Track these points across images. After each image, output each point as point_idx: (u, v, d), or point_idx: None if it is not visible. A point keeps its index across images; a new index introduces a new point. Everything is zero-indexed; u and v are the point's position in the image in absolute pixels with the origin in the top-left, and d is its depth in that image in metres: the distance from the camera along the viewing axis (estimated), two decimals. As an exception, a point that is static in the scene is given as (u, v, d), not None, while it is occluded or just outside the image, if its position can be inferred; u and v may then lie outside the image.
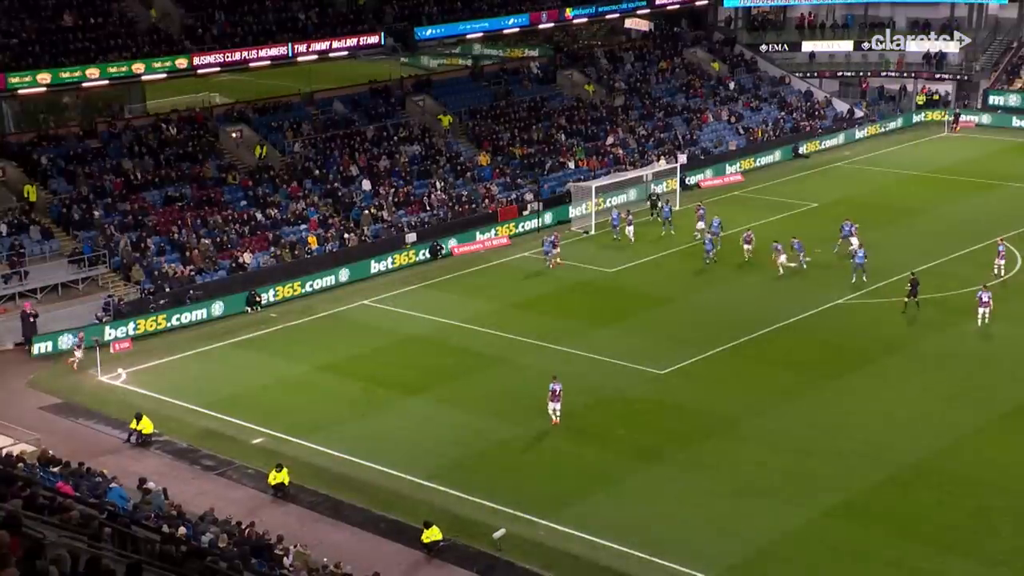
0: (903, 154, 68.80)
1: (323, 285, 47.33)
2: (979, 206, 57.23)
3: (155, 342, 41.76)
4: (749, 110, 71.86)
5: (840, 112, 74.72)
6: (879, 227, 53.56)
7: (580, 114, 65.68)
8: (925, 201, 58.19)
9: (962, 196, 59.15)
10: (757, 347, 39.73)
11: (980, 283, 42.62)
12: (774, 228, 54.31)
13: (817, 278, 46.65)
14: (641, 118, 67.53)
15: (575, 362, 38.76)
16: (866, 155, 68.63)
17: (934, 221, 54.65)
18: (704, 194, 60.31)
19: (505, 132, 61.93)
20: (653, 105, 69.14)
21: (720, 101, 71.93)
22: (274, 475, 30.65)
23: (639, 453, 32.30)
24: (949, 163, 65.89)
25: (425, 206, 54.25)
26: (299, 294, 46.57)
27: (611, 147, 63.23)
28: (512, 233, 53.89)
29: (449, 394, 36.49)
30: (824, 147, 70.04)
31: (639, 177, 58.87)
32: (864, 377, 37.26)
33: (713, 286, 46.25)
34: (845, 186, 61.70)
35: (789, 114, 72.66)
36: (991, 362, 38.10)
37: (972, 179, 62.36)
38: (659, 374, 37.61)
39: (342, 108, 59.55)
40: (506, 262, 50.57)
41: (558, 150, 61.61)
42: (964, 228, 52.69)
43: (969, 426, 33.41)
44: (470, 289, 46.80)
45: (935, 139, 72.59)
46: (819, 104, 74.82)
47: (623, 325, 42.21)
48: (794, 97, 74.96)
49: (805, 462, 31.58)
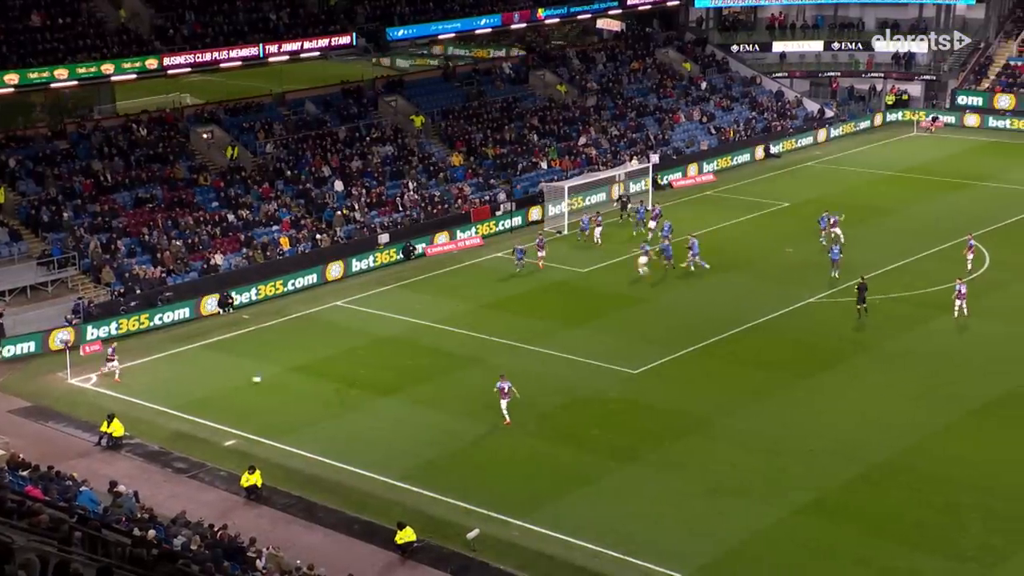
0: (873, 154, 69.29)
1: (296, 286, 47.21)
2: (948, 205, 57.71)
3: (126, 344, 41.48)
4: (721, 110, 72.15)
5: (811, 112, 75.18)
6: (850, 226, 53.82)
7: (552, 114, 65.74)
8: (895, 200, 58.63)
9: (931, 195, 59.63)
10: (728, 347, 39.91)
11: (951, 280, 42.96)
12: (742, 228, 54.60)
13: (788, 278, 46.92)
14: (613, 118, 67.67)
15: (548, 362, 38.82)
16: (836, 155, 69.07)
17: (904, 220, 55.10)
18: (676, 194, 60.55)
19: (478, 132, 61.90)
20: (625, 105, 69.31)
21: (692, 101, 72.19)
22: (247, 477, 30.52)
23: (613, 453, 32.39)
24: (918, 163, 66.42)
25: (398, 207, 54.17)
26: (272, 295, 46.42)
27: (583, 147, 63.32)
28: (486, 235, 53.93)
29: (423, 395, 36.45)
30: (796, 146, 70.43)
31: (612, 177, 59.03)
32: (835, 376, 37.52)
33: (685, 286, 46.40)
34: (816, 186, 62.06)
35: (760, 114, 73.05)
36: (960, 359, 38.46)
37: (941, 178, 62.89)
38: (632, 374, 37.71)
39: (314, 109, 59.36)
40: (479, 263, 50.54)
41: (530, 150, 61.64)
42: (934, 227, 53.14)
43: (938, 423, 33.71)
44: (443, 290, 46.75)
45: (904, 139, 73.14)
46: (790, 104, 75.24)
47: (596, 325, 42.29)
48: (765, 97, 75.36)
49: (776, 461, 31.77)
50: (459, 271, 49.55)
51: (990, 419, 34.01)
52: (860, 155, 69.07)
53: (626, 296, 45.44)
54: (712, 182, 63.61)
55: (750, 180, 63.20)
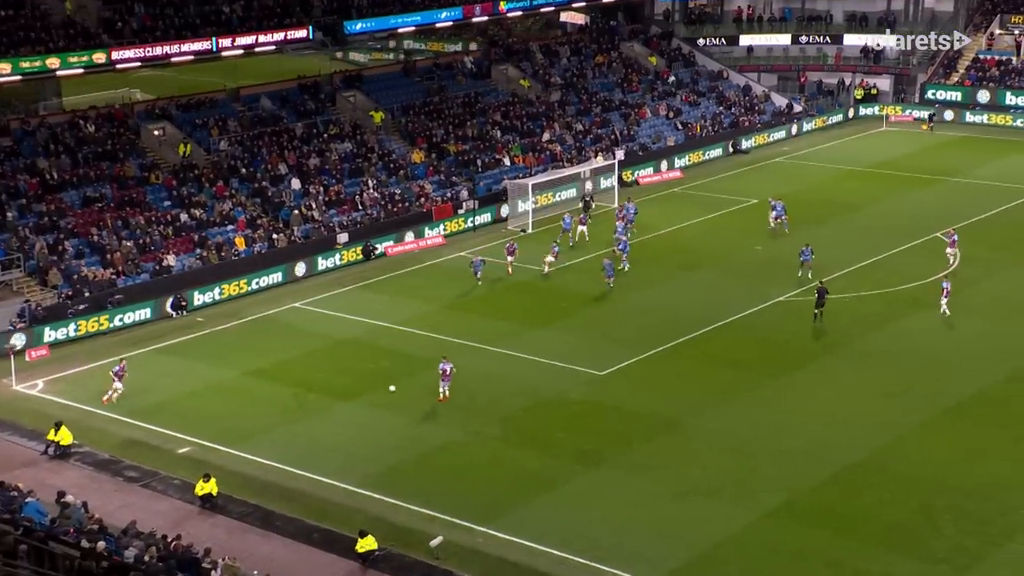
0: (842, 149, 69.77)
1: (251, 288, 46.91)
2: (918, 201, 58.20)
3: (74, 349, 40.97)
4: (688, 105, 72.39)
5: (779, 107, 75.60)
6: (819, 223, 54.26)
7: (516, 110, 65.67)
8: (865, 196, 59.05)
9: (901, 191, 60.10)
10: (697, 346, 40.02)
11: (922, 276, 43.29)
12: (710, 225, 54.79)
13: (757, 275, 47.12)
14: (578, 113, 67.71)
15: (512, 364, 38.74)
16: (805, 150, 69.49)
17: (874, 217, 55.50)
18: (643, 191, 60.65)
19: (439, 129, 61.74)
20: (590, 100, 69.38)
21: (658, 96, 72.39)
22: (201, 485, 30.22)
23: (579, 456, 32.34)
24: (888, 158, 66.94)
25: (357, 205, 53.93)
26: (227, 297, 46.09)
27: (547, 143, 63.30)
28: (448, 234, 53.83)
29: (383, 398, 36.27)
30: (764, 142, 70.81)
31: (577, 174, 59.05)
32: (806, 375, 37.70)
33: (652, 285, 46.48)
34: (784, 182, 62.36)
35: (728, 109, 73.36)
36: (933, 357, 38.75)
37: (911, 174, 63.42)
38: (598, 375, 37.72)
39: (269, 104, 58.98)
40: (441, 262, 50.41)
41: (493, 147, 61.54)
42: (904, 224, 53.57)
43: (911, 423, 33.94)
44: (404, 290, 46.60)
45: (873, 134, 73.71)
46: (758, 99, 75.64)
47: (561, 325, 42.27)
48: (732, 92, 75.68)
49: (747, 462, 31.85)
50: (420, 271, 49.38)
51: (964, 418, 34.29)
52: (829, 150, 69.51)
53: (592, 296, 45.42)
54: (679, 179, 63.77)
55: (718, 176, 63.46)
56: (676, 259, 49.73)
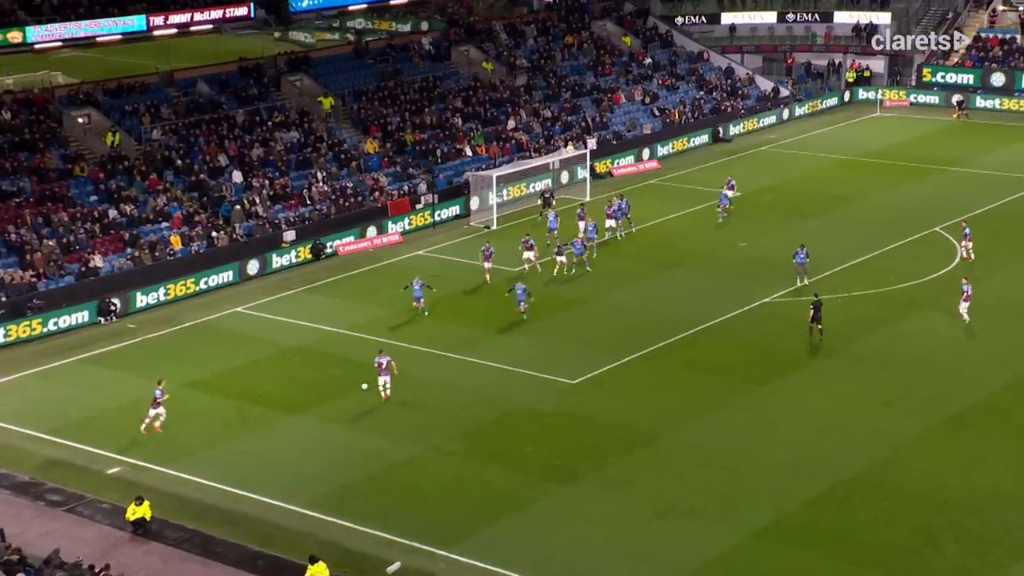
0: (833, 136, 70.23)
1: (189, 291, 46.63)
2: (915, 193, 58.65)
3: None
4: (665, 89, 72.64)
5: (764, 91, 76.00)
6: (808, 216, 54.58)
7: (478, 95, 65.68)
8: (857, 188, 59.44)
9: (897, 182, 60.54)
10: (678, 352, 40.12)
11: (919, 275, 43.58)
12: (690, 220, 54.97)
13: (742, 275, 47.32)
14: (546, 99, 67.77)
15: (476, 372, 38.70)
16: (793, 138, 69.88)
17: (868, 210, 55.88)
18: (617, 183, 60.78)
19: (394, 116, 61.65)
20: (559, 85, 69.46)
21: (633, 80, 72.59)
22: (133, 509, 29.98)
23: (549, 473, 32.34)
24: (882, 146, 67.44)
25: (305, 200, 53.78)
26: (161, 301, 45.81)
27: (513, 132, 63.35)
28: (405, 231, 53.74)
29: (335, 411, 36.13)
30: (747, 129, 71.19)
31: (545, 165, 59.12)
32: (795, 382, 37.87)
33: (629, 286, 46.60)
34: (771, 172, 62.72)
35: (709, 93, 73.66)
36: (933, 363, 39.03)
37: (908, 163, 63.91)
38: (570, 384, 37.76)
39: (207, 89, 58.68)
40: (398, 262, 50.31)
41: (454, 136, 61.53)
42: (900, 217, 53.98)
43: (910, 434, 34.15)
44: (358, 293, 46.51)
45: (867, 120, 74.28)
46: (741, 82, 75.99)
47: (529, 330, 42.27)
48: (714, 74, 76.01)
49: (732, 478, 31.95)
50: (375, 272, 49.27)
51: (967, 428, 34.54)
52: (819, 138, 69.92)
53: (563, 297, 45.47)
54: (656, 169, 63.94)
55: (698, 167, 63.67)
56: (654, 257, 49.83)
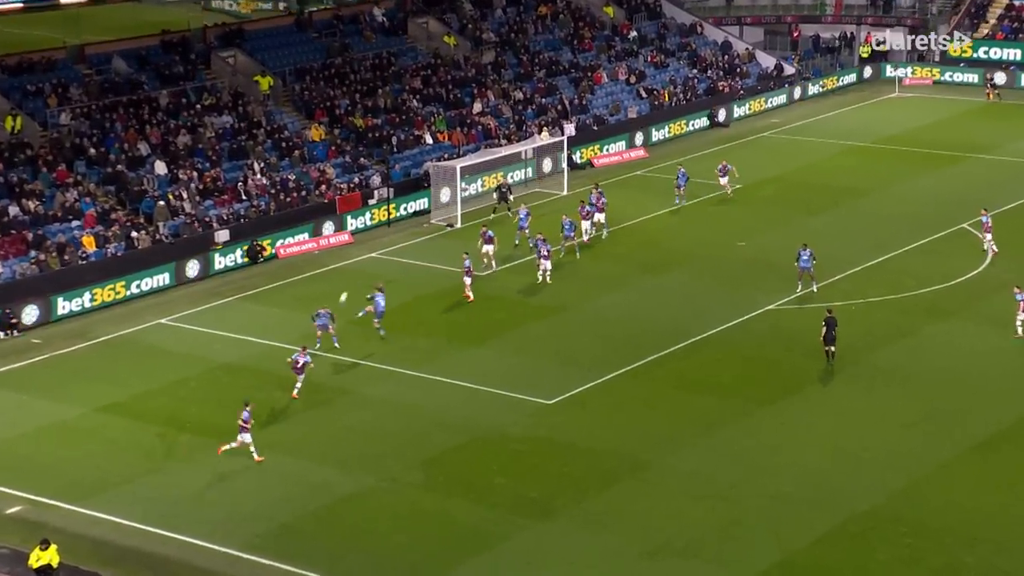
0: (845, 120, 70.50)
1: (105, 300, 46.44)
2: (939, 184, 58.96)
3: None
4: (653, 67, 72.78)
5: (766, 68, 76.28)
6: (816, 212, 54.76)
7: (439, 75, 65.65)
8: (873, 178, 59.68)
9: (918, 172, 60.83)
10: (669, 367, 40.16)
11: (943, 278, 43.76)
12: (682, 217, 55.07)
13: (741, 279, 47.44)
14: (517, 79, 67.82)
15: (438, 391, 38.64)
16: (799, 122, 70.13)
17: (885, 203, 56.12)
18: (598, 174, 60.81)
19: (343, 98, 61.58)
20: (532, 62, 69.49)
21: (616, 56, 72.69)
22: (38, 555, 29.65)
23: (523, 507, 32.32)
24: (901, 130, 67.77)
25: (240, 195, 53.63)
26: (72, 312, 45.58)
27: (479, 116, 63.35)
28: (356, 230, 53.67)
29: (275, 438, 35.97)
30: (747, 112, 71.43)
31: (516, 154, 59.10)
32: (803, 402, 37.95)
33: (613, 291, 46.62)
34: (774, 161, 62.91)
35: (703, 72, 73.85)
36: (960, 379, 39.15)
37: (930, 150, 64.22)
38: (546, 404, 37.75)
39: (125, 67, 58.41)
40: (348, 266, 50.22)
41: (411, 121, 61.48)
42: (922, 212, 54.21)
43: (934, 461, 34.24)
44: (301, 301, 46.33)
45: (883, 101, 74.67)
46: (740, 58, 76.25)
47: (498, 342, 42.26)
48: (709, 50, 76.22)
49: (732, 511, 31.98)
50: (321, 277, 49.17)
51: (997, 455, 34.65)
52: (829, 122, 70.16)
53: (538, 305, 45.46)
54: (644, 159, 64.06)
55: (691, 156, 63.66)
56: (641, 258, 49.86)
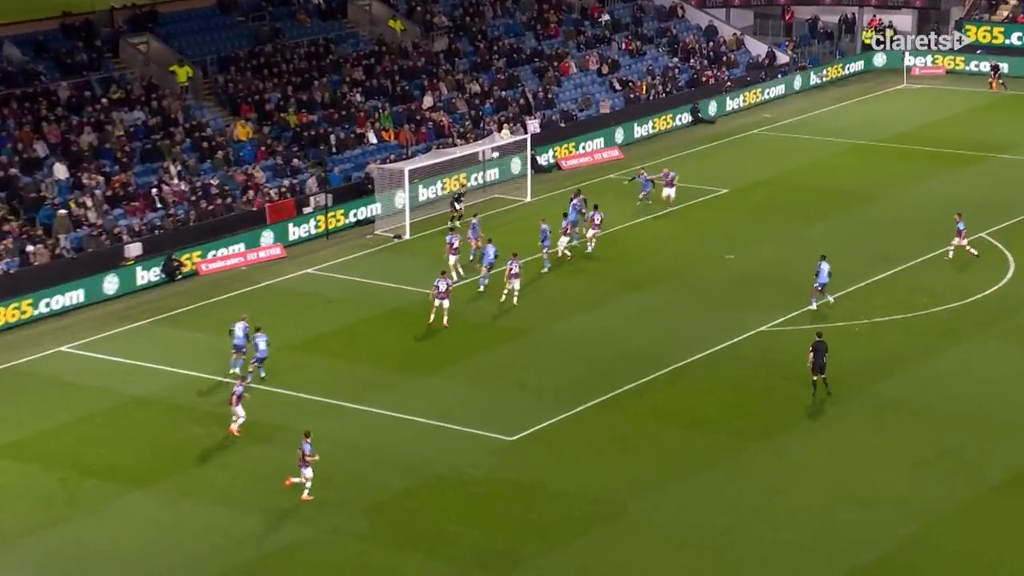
0: (846, 115, 70.90)
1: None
2: (954, 188, 59.30)
3: None
4: (628, 55, 72.98)
5: (756, 56, 76.61)
6: (815, 219, 54.92)
7: (384, 64, 65.60)
8: (878, 182, 59.99)
9: (930, 173, 61.21)
10: (648, 398, 40.15)
11: (958, 296, 43.98)
12: (663, 227, 55.16)
13: (729, 296, 47.56)
14: (473, 69, 67.85)
15: (386, 428, 38.52)
16: (795, 118, 70.48)
17: (891, 210, 56.37)
18: (566, 178, 60.87)
19: (274, 91, 61.44)
20: (490, 50, 69.55)
21: (586, 43, 72.84)
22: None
23: (484, 559, 32.24)
24: (911, 127, 68.22)
25: (154, 203, 53.40)
26: (-40, 339, 45.34)
27: (431, 112, 63.30)
28: (289, 243, 53.55)
29: (196, 483, 35.78)
30: (735, 107, 71.68)
31: (473, 155, 59.04)
32: (801, 437, 38.00)
33: (586, 311, 46.63)
34: (766, 162, 63.15)
35: (685, 60, 74.09)
36: (978, 411, 39.25)
37: (943, 149, 64.69)
38: (507, 442, 37.67)
39: (18, 54, 58.08)
40: (280, 283, 50.11)
41: (353, 117, 61.41)
42: (934, 220, 54.26)
43: (950, 506, 34.30)
44: (226, 325, 45.95)
45: (890, 93, 75.13)
46: (727, 45, 76.54)
47: (455, 371, 42.19)
48: (691, 36, 76.49)
49: (721, 562, 31.98)
50: (250, 297, 48.99)
51: (1021, 498, 34.88)
52: (828, 117, 70.58)
53: (498, 327, 45.44)
54: (618, 160, 64.20)
55: (672, 156, 63.83)
56: (616, 273, 49.88)
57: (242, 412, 37.68)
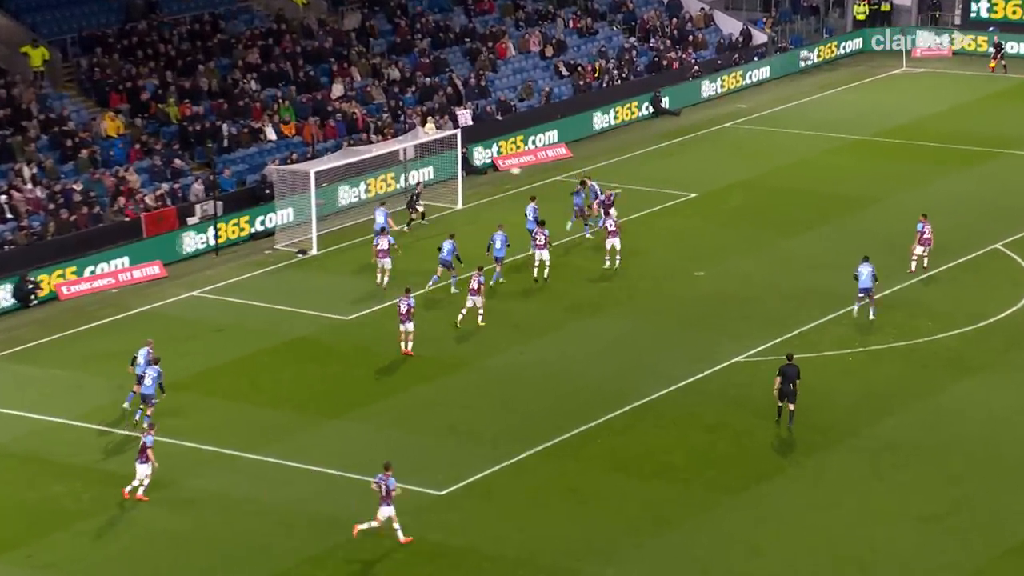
0: (836, 105, 71.47)
1: None
2: (961, 189, 59.84)
3: None
4: (576, 35, 73.09)
5: (728, 35, 76.84)
6: (800, 229, 55.08)
7: (285, 45, 65.57)
8: (874, 184, 60.33)
9: (935, 174, 61.66)
10: (605, 442, 40.03)
11: (970, 319, 44.18)
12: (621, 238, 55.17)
13: (699, 320, 47.62)
14: (392, 51, 67.89)
15: (288, 481, 38.24)
16: (774, 108, 70.96)
17: (889, 217, 56.59)
18: (503, 182, 60.85)
19: (150, 77, 61.18)
20: (412, 28, 69.59)
21: (526, 20, 72.93)
22: None
23: (404, 640, 32.06)
24: (910, 119, 68.81)
25: (4, 212, 52.97)
26: None
27: (340, 103, 63.18)
28: (170, 260, 53.29)
29: (58, 556, 35.27)
30: (704, 95, 71.88)
31: (392, 154, 58.90)
32: (786, 488, 37.83)
33: (531, 339, 46.66)
34: (740, 161, 63.41)
35: (644, 41, 74.21)
36: (991, 457, 39.28)
37: (950, 145, 65.17)
38: (437, 496, 37.46)
39: None
40: (160, 309, 49.91)
41: (247, 109, 61.26)
42: (939, 228, 54.55)
43: (963, 569, 34.30)
44: (92, 360, 45.80)
45: (886, 79, 75.63)
46: (693, 22, 76.75)
47: (372, 412, 42.01)
48: (651, 11, 76.66)
49: (693, 640, 31.96)
50: (122, 325, 48.72)
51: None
52: (814, 107, 71.05)
53: (424, 359, 45.26)
54: (565, 159, 64.31)
55: (630, 154, 64.19)
56: (567, 294, 49.79)
57: (147, 471, 36.80)
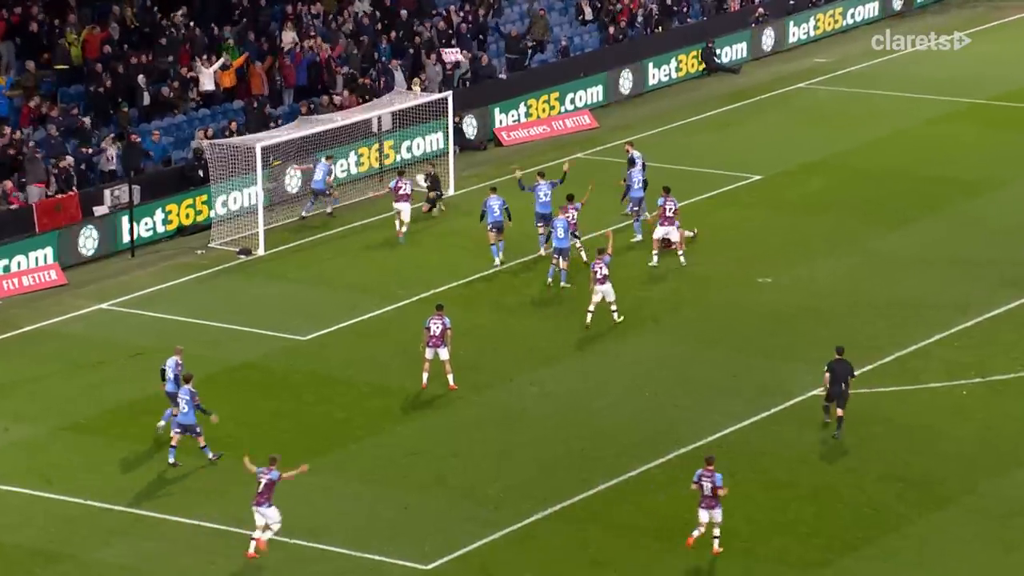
0: (950, 59, 72.13)
1: None
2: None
3: None
4: (605, -35, 73.73)
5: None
6: (897, 224, 55.78)
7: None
8: (994, 164, 61.09)
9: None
10: (636, 501, 40.25)
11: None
12: (648, 241, 55.70)
13: (766, 343, 48.14)
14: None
15: (233, 552, 38.25)
16: (863, 64, 71.76)
17: (1010, 209, 57.42)
18: (507, 158, 61.29)
19: (44, 12, 61.25)
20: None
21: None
22: None
23: None
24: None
25: None
26: None
27: (297, 51, 63.68)
28: (71, 262, 53.82)
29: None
30: (771, 46, 73.06)
31: (364, 122, 59.59)
32: (879, 561, 37.67)
33: (545, 365, 47.15)
34: (819, 134, 64.11)
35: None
36: None
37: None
38: (422, 571, 37.59)
39: None
40: (57, 326, 50.44)
41: (174, 50, 61.57)
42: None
43: None
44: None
45: (1010, 22, 76.48)
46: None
47: (337, 462, 42.26)
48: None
49: None
50: (7, 348, 49.30)
51: None
52: (918, 63, 71.73)
53: (395, 390, 45.74)
54: (590, 129, 65.19)
55: (674, 125, 64.99)
56: (578, 311, 50.21)
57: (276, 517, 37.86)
